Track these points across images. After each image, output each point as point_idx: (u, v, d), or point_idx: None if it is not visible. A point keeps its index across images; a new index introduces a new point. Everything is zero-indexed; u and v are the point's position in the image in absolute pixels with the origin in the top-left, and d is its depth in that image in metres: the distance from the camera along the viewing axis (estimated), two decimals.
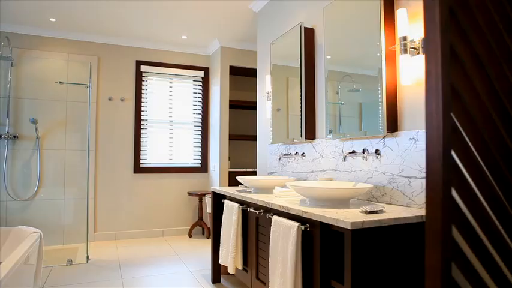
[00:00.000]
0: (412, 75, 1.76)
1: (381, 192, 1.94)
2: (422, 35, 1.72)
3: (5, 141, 3.96)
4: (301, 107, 2.61)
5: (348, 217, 1.43)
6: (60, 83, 4.11)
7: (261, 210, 2.12)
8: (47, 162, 4.14)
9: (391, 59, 1.88)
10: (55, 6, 3.50)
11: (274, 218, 1.86)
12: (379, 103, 1.90)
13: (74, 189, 4.21)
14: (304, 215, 1.63)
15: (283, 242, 1.74)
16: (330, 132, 2.33)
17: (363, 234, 1.40)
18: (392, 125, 1.86)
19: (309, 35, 2.62)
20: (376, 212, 1.55)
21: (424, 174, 1.68)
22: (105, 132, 4.41)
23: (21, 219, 3.97)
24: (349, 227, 1.36)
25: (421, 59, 1.72)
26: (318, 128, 2.58)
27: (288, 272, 1.67)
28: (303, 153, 2.67)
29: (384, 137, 1.93)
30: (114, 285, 2.85)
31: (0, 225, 3.86)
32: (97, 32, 4.27)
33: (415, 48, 1.73)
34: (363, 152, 2.07)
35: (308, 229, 1.64)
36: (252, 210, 2.19)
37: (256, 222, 2.23)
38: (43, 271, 2.82)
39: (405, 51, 1.73)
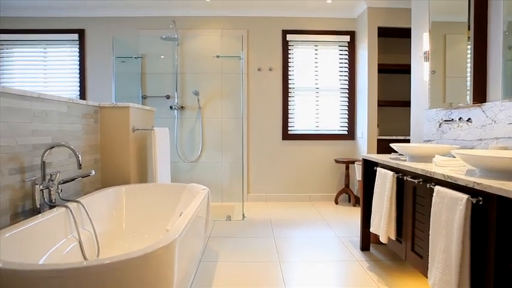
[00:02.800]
0: None
1: None
2: None
3: (175, 111, 4.61)
4: (468, 66, 2.28)
5: None
6: (217, 57, 4.52)
7: (420, 180, 1.98)
8: (207, 129, 4.67)
9: None
10: None
11: (437, 188, 1.71)
12: None
13: (230, 154, 4.66)
14: (476, 187, 1.45)
15: (448, 215, 1.60)
16: (506, 94, 1.99)
17: None
18: None
19: None
20: None
21: None
22: (255, 101, 4.70)
23: (189, 178, 4.62)
24: None
25: None
26: (489, 90, 2.23)
27: (453, 248, 1.53)
28: (469, 118, 2.36)
29: None
30: (267, 242, 3.10)
31: (174, 182, 4.57)
32: (246, 7, 4.50)
33: None
34: None
35: (480, 202, 1.46)
36: (409, 179, 2.06)
37: (413, 192, 2.09)
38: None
39: None
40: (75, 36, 4.60)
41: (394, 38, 4.67)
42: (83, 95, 4.61)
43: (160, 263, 1.43)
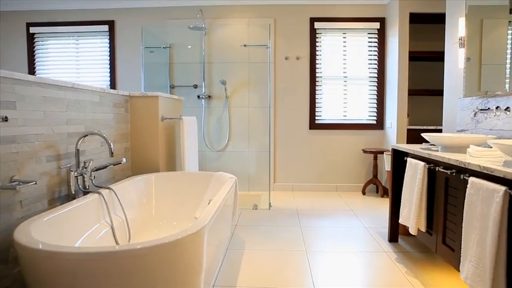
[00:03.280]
0: None
1: None
2: None
3: (202, 100, 4.64)
4: (508, 52, 2.18)
5: None
6: (245, 46, 4.51)
7: (453, 170, 1.92)
8: (234, 119, 4.68)
9: None
10: None
11: (472, 179, 1.66)
12: None
13: (257, 143, 4.67)
14: None
15: (483, 207, 1.54)
16: None
17: None
18: None
19: None
20: None
21: None
22: (282, 90, 4.67)
23: (216, 167, 4.67)
24: None
25: None
26: None
27: (488, 242, 1.48)
28: (507, 107, 2.26)
29: None
30: (293, 231, 3.10)
31: (202, 170, 4.63)
32: None
33: None
34: None
35: None
36: (441, 169, 2.00)
37: (445, 183, 2.04)
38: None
39: None
40: (106, 27, 4.70)
41: (426, 24, 4.51)
42: (113, 84, 4.72)
43: (190, 249, 1.46)
